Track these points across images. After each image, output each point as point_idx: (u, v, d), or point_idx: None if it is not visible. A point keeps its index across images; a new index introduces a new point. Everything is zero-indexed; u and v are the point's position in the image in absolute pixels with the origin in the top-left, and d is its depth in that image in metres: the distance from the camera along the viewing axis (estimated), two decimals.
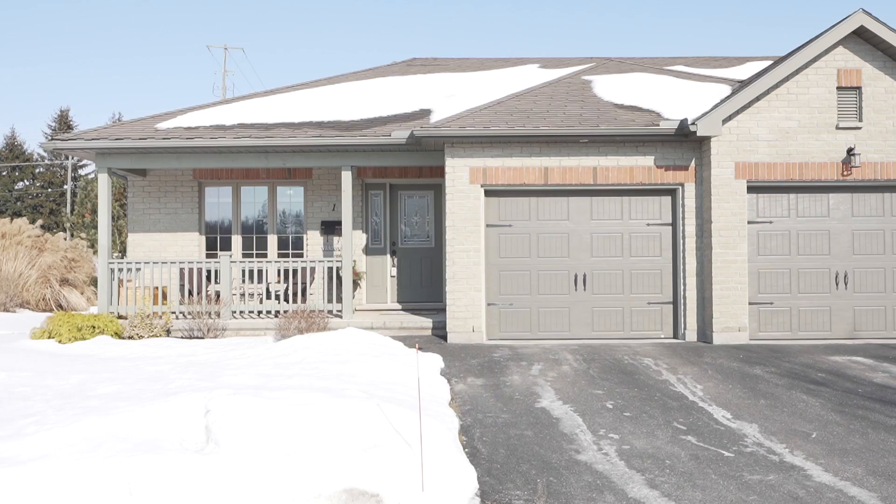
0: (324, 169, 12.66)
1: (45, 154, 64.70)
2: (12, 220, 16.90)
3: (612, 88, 12.41)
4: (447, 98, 13.21)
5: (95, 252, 20.54)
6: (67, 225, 21.38)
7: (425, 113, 12.19)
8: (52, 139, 11.11)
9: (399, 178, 12.96)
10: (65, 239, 17.54)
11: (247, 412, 4.63)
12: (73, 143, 10.88)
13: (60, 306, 16.64)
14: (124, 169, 11.83)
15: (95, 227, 20.64)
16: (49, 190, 63.35)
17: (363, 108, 12.57)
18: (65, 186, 61.87)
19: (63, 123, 65.47)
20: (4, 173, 62.88)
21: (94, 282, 18.30)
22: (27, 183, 63.85)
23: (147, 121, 11.85)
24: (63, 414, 4.96)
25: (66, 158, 62.86)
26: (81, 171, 65.18)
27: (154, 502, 3.72)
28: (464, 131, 10.23)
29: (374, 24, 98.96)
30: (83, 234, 19.76)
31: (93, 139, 10.83)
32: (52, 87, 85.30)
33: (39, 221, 17.58)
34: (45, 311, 16.27)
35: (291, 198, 13.10)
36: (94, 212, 21.20)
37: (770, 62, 13.72)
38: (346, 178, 11.29)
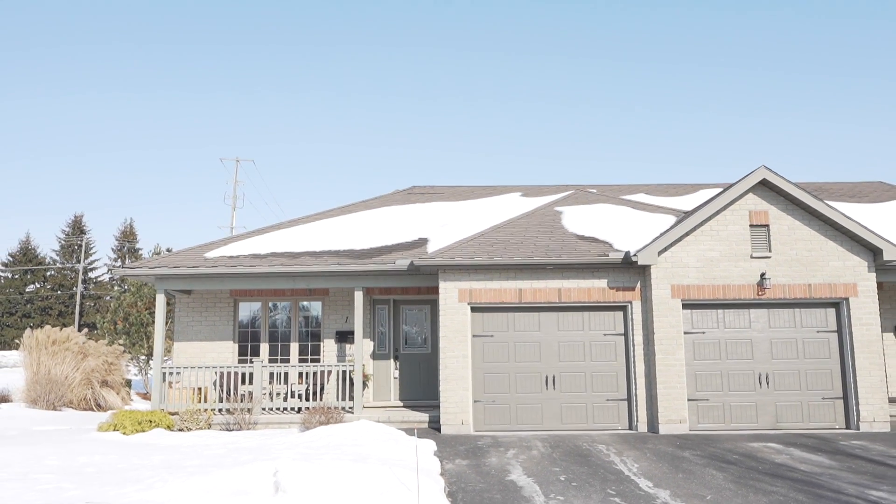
0: (338, 287, 15.22)
1: (56, 258, 67.72)
2: (62, 328, 19.24)
3: (577, 220, 15.11)
4: (442, 227, 15.93)
5: (131, 356, 22.80)
6: (105, 333, 23.67)
7: (423, 242, 14.85)
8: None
9: (401, 294, 15.50)
10: (107, 344, 19.84)
11: (301, 472, 6.92)
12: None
13: (99, 405, 18.76)
14: (175, 289, 14.34)
15: (127, 333, 23.03)
16: (59, 292, 65.87)
17: (372, 236, 15.25)
18: (74, 289, 64.44)
19: (77, 228, 68.80)
20: (17, 276, 65.61)
21: (127, 383, 20.50)
22: (38, 286, 66.46)
23: (196, 250, 14.50)
24: (173, 476, 7.23)
25: (77, 262, 65.84)
26: (91, 275, 68.04)
27: None
28: (453, 261, 12.85)
29: (377, 135, 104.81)
30: (121, 341, 22.05)
31: (154, 267, 13.45)
32: (66, 191, 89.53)
33: (85, 331, 19.91)
34: (86, 409, 18.40)
35: (311, 311, 15.60)
36: (126, 319, 23.62)
37: (720, 189, 16.28)
38: (358, 297, 13.81)
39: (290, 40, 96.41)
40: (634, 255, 12.62)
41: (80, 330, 20.34)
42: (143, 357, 23.96)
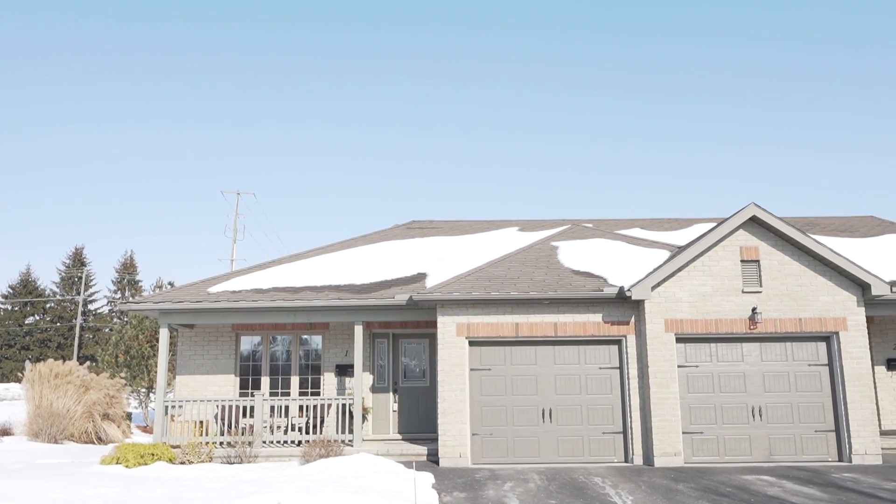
0: (338, 321, 15.46)
1: (56, 290, 67.89)
2: (63, 361, 19.43)
3: (572, 255, 15.42)
4: (440, 261, 16.24)
5: (132, 389, 22.93)
6: (104, 365, 23.83)
7: (421, 276, 15.15)
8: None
9: (400, 328, 15.75)
10: (109, 377, 20.00)
11: (304, 502, 7.13)
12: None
13: (100, 438, 18.87)
14: (178, 323, 14.59)
15: (129, 366, 23.19)
16: (58, 324, 65.94)
17: (371, 271, 15.55)
18: (74, 321, 64.51)
19: (77, 260, 69.10)
20: (16, 308, 65.75)
21: (128, 416, 20.62)
22: (37, 318, 66.56)
23: (199, 285, 14.79)
24: None
25: (77, 294, 66.01)
26: (91, 307, 68.18)
27: None
28: (451, 296, 13.13)
29: (376, 165, 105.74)
30: (123, 374, 22.20)
31: (159, 301, 13.73)
32: (67, 223, 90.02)
33: (87, 364, 20.09)
34: (87, 442, 18.50)
35: (311, 345, 15.84)
36: (127, 352, 23.79)
37: (714, 223, 16.59)
38: (358, 331, 14.07)
39: (289, 71, 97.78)
40: (628, 289, 12.92)
41: (81, 363, 20.48)
42: (143, 390, 24.06)
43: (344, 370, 15.47)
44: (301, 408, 14.61)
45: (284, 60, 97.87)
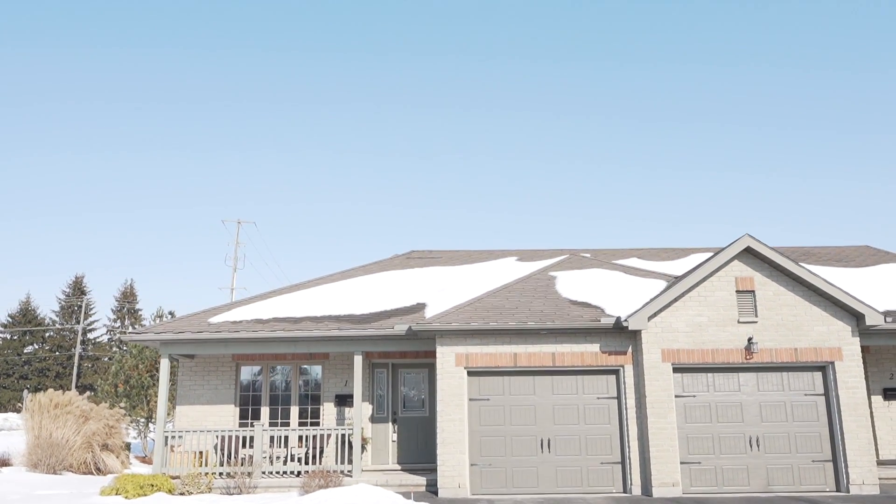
0: (338, 351, 15.56)
1: (56, 319, 67.82)
2: (63, 392, 19.45)
3: (570, 285, 15.57)
4: (439, 292, 16.39)
5: (131, 419, 22.91)
6: (102, 394, 23.85)
7: (421, 307, 15.29)
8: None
9: (400, 358, 15.84)
10: (108, 407, 20.00)
11: None
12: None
13: (99, 469, 18.81)
14: (179, 353, 14.69)
15: (128, 396, 23.21)
16: (57, 353, 65.76)
17: (371, 301, 15.68)
18: (72, 350, 64.37)
19: (77, 289, 69.09)
20: (15, 337, 65.63)
21: (127, 446, 20.59)
22: (36, 347, 66.40)
23: (200, 315, 14.92)
24: None
25: (77, 323, 65.95)
26: (90, 335, 68.07)
27: None
28: (450, 326, 13.26)
29: (376, 193, 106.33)
30: (122, 404, 22.20)
31: (160, 332, 13.86)
32: (67, 252, 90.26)
33: (88, 393, 20.09)
34: (85, 473, 18.45)
35: (311, 375, 15.92)
36: (127, 382, 23.82)
37: (711, 253, 16.53)
38: (358, 361, 14.17)
39: (290, 100, 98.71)
40: (625, 320, 13.05)
41: (80, 392, 20.51)
42: (142, 420, 24.03)
43: (343, 400, 15.53)
44: (300, 438, 14.64)
45: (285, 89, 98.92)
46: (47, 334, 66.84)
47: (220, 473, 13.56)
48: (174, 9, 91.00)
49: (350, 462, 13.97)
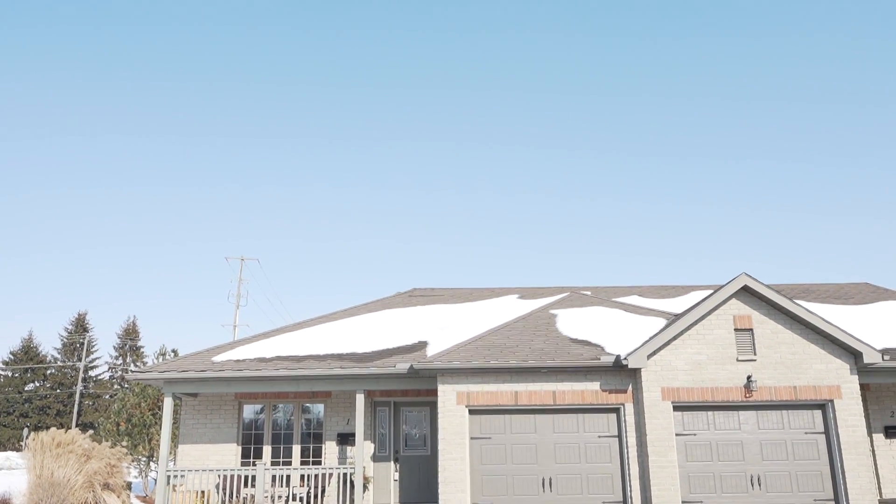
0: (340, 390, 15.65)
1: (58, 356, 67.78)
2: (66, 430, 19.47)
3: (571, 323, 15.71)
4: (441, 330, 16.52)
5: (133, 458, 22.83)
6: (103, 433, 23.78)
7: (422, 345, 15.41)
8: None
9: (401, 396, 15.92)
10: (110, 446, 20.00)
11: None
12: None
13: None
14: (182, 392, 14.80)
15: (130, 435, 23.15)
16: (58, 391, 65.56)
17: (373, 340, 15.82)
18: (74, 388, 64.19)
19: (80, 326, 69.17)
20: (16, 375, 65.52)
21: (128, 486, 20.50)
22: (38, 384, 66.22)
23: (203, 354, 15.06)
24: None
25: (78, 360, 65.88)
26: (92, 373, 67.93)
27: None
28: (451, 364, 13.38)
29: (377, 228, 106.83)
30: (124, 442, 22.16)
31: (164, 371, 13.99)
32: (70, 288, 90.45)
33: (90, 432, 20.14)
34: None
35: (313, 413, 15.98)
36: (129, 420, 23.77)
37: (710, 290, 16.80)
38: (360, 399, 14.26)
39: (292, 135, 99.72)
40: (625, 358, 13.16)
41: (83, 431, 20.55)
42: (143, 458, 23.92)
43: (345, 438, 15.57)
44: (302, 477, 14.66)
45: (287, 125, 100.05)
46: (49, 372, 66.74)
47: None
48: (176, 42, 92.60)
49: (352, 501, 13.97)
